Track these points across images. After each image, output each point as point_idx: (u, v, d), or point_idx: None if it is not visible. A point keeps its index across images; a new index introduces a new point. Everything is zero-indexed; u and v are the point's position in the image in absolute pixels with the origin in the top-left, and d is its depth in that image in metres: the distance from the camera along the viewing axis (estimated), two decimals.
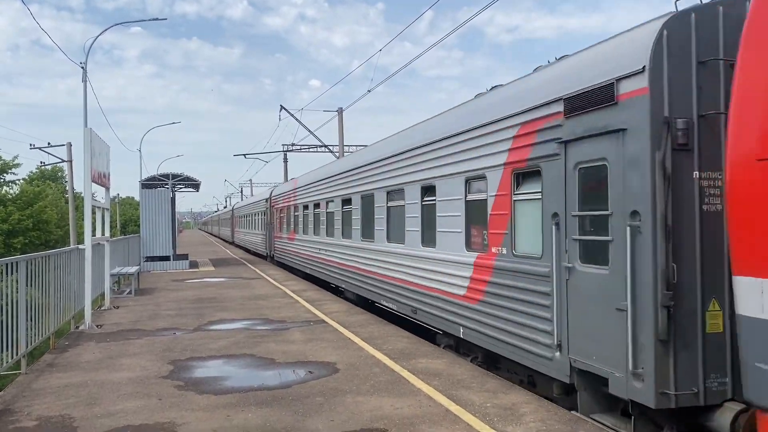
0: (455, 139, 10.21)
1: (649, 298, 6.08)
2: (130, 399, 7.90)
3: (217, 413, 7.24)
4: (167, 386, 8.47)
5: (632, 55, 6.36)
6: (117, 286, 21.03)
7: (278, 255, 30.31)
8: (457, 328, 10.04)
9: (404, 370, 9.00)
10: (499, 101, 9.16)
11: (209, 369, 9.49)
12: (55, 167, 66.57)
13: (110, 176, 16.97)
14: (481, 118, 9.40)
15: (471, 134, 9.66)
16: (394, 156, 13.24)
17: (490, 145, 9.04)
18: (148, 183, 32.89)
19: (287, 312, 15.04)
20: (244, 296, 18.41)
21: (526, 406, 7.20)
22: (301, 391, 8.08)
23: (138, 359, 10.19)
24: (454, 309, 10.17)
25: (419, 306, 11.76)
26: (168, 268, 28.93)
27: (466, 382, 8.31)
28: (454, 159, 10.21)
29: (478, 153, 9.38)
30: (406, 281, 12.43)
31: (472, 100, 10.76)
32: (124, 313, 15.66)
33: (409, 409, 7.24)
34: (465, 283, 9.77)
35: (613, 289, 6.50)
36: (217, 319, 14.16)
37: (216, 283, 22.60)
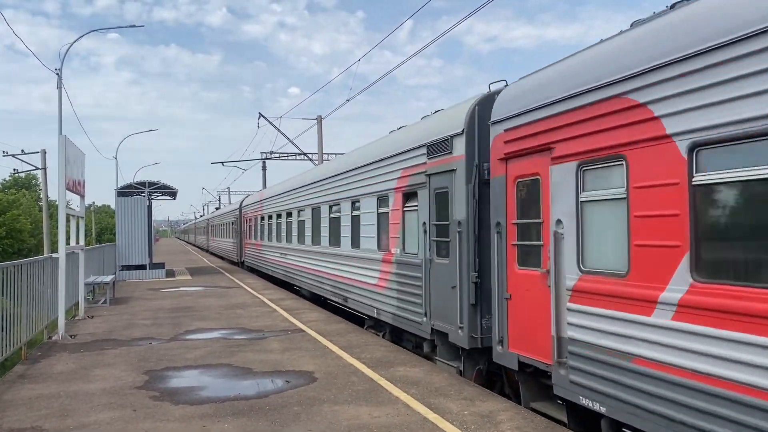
0: (372, 166, 13.35)
1: (465, 278, 9.18)
2: (103, 410, 7.78)
3: (192, 424, 7.16)
4: (142, 397, 8.36)
5: (457, 121, 9.50)
6: (92, 296, 20.75)
7: (248, 261, 33.05)
8: (373, 310, 13.11)
9: (382, 379, 8.99)
10: (395, 141, 12.32)
11: (185, 379, 9.39)
12: (28, 175, 65.63)
13: (85, 184, 16.76)
14: (384, 153, 12.57)
15: (380, 164, 12.82)
16: (334, 176, 16.57)
17: (390, 173, 12.21)
18: (124, 191, 32.55)
19: (265, 321, 14.95)
20: (221, 305, 18.26)
21: (503, 414, 7.23)
22: (279, 400, 8.03)
23: (112, 369, 10.05)
24: (370, 295, 13.26)
25: (349, 295, 14.93)
26: (144, 277, 28.62)
27: (443, 390, 8.32)
28: (370, 182, 13.41)
29: (383, 178, 12.57)
30: (341, 276, 15.60)
31: (383, 137, 13.99)
32: (98, 322, 15.44)
33: (387, 417, 7.22)
34: (377, 274, 12.85)
35: (451, 274, 9.54)
36: (193, 329, 14.03)
37: (193, 292, 22.39)
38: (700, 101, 5.01)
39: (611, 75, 6.03)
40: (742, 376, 4.60)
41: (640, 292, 5.59)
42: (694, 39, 5.10)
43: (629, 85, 5.78)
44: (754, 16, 4.55)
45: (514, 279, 7.80)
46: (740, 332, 4.61)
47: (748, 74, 4.60)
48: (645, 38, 5.79)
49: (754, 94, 4.56)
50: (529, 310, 7.47)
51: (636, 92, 5.70)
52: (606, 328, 6.04)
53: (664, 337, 5.31)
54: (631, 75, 5.75)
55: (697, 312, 4.98)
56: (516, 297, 7.74)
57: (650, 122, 5.52)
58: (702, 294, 4.96)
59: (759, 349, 4.46)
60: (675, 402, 5.20)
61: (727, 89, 4.76)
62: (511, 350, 7.82)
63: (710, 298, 4.87)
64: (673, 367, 5.22)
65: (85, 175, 16.59)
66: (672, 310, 5.23)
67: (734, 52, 4.72)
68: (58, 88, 23.72)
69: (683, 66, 5.19)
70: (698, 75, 5.04)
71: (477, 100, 9.30)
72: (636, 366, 5.63)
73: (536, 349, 7.28)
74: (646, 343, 5.51)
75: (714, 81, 4.88)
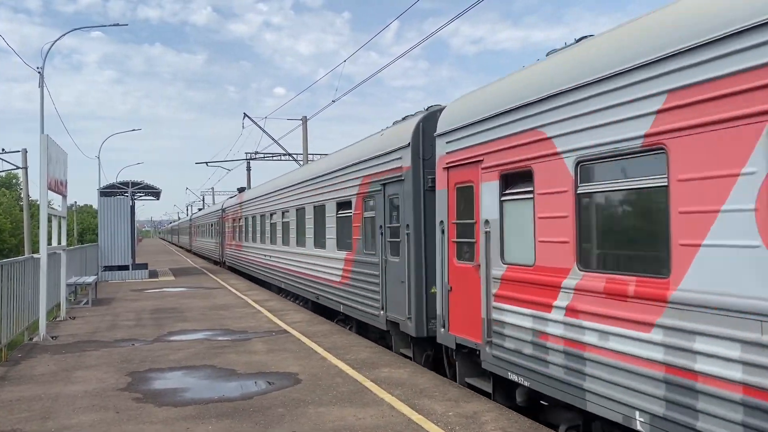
0: (336, 173, 14.46)
1: (413, 274, 10.30)
2: (86, 412, 7.71)
3: (176, 426, 7.12)
4: (125, 399, 8.30)
5: (405, 135, 10.59)
6: (74, 297, 20.55)
7: (229, 261, 33.99)
8: (339, 306, 14.27)
9: (367, 380, 8.99)
10: (356, 151, 13.44)
11: (169, 381, 9.33)
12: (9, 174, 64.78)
13: (67, 184, 16.60)
14: (347, 161, 13.71)
15: (343, 171, 13.96)
16: (302, 182, 17.85)
17: (352, 180, 13.35)
18: (107, 191, 32.24)
19: (249, 322, 14.89)
20: (205, 306, 18.16)
21: (488, 415, 7.26)
22: (263, 402, 8.00)
23: (95, 371, 9.96)
24: (336, 291, 14.36)
25: (320, 293, 15.74)
26: (127, 278, 28.39)
27: (428, 392, 8.34)
28: (335, 188, 14.62)
29: (346, 185, 13.77)
30: (311, 275, 16.61)
31: (347, 147, 15.02)
32: (80, 323, 15.29)
33: (371, 419, 7.23)
34: (340, 272, 14.10)
35: (401, 270, 10.66)
36: (177, 330, 13.94)
37: (176, 293, 22.24)
38: (579, 126, 6.24)
39: (519, 100, 7.26)
40: (622, 347, 5.66)
41: (548, 279, 6.72)
42: (571, 76, 6.44)
43: (531, 111, 7.03)
44: (604, 66, 5.96)
45: (453, 272, 8.97)
46: (616, 311, 5.72)
47: (607, 107, 5.86)
48: (544, 71, 7.05)
49: (609, 123, 5.82)
50: (465, 298, 8.70)
51: (535, 117, 6.93)
52: (521, 311, 7.23)
53: (565, 318, 6.46)
54: (531, 102, 7.01)
55: (586, 295, 6.13)
56: (455, 287, 8.94)
57: (546, 141, 6.74)
58: (587, 280, 6.13)
59: (630, 323, 5.56)
60: (580, 372, 6.24)
61: (596, 118, 6.00)
62: (451, 333, 8.99)
63: (593, 283, 6.03)
64: (573, 342, 6.33)
65: (67, 174, 16.43)
66: (571, 293, 6.35)
67: (599, 89, 5.99)
68: (39, 87, 23.48)
69: (567, 97, 6.45)
70: (576, 105, 6.30)
71: (422, 117, 10.40)
72: (545, 342, 6.79)
73: (470, 331, 8.51)
74: (553, 323, 6.64)
75: (586, 111, 6.14)
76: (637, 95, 5.49)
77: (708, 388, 4.82)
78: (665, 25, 5.40)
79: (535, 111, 6.96)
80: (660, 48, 5.31)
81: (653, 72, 5.35)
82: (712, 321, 4.80)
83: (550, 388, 6.74)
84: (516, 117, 7.34)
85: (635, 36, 5.72)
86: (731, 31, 4.65)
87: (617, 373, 5.73)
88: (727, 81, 4.69)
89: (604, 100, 5.91)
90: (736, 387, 4.61)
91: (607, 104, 5.86)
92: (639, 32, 5.70)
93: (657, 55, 5.31)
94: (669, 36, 5.27)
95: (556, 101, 6.64)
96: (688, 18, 5.17)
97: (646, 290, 5.39)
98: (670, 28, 5.32)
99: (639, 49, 5.55)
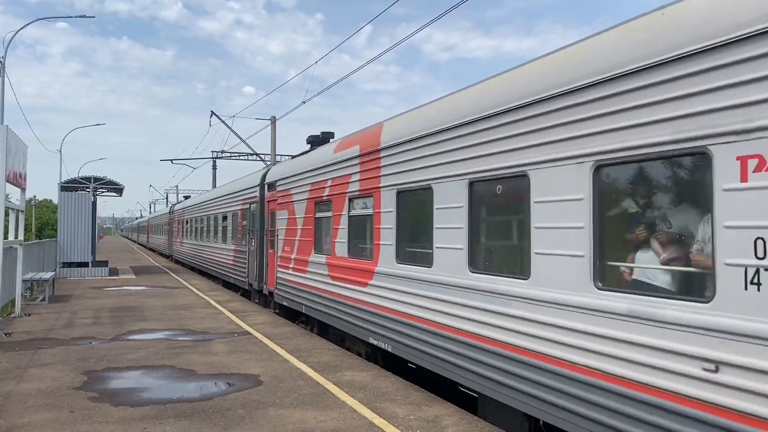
0: (229, 196, 23.90)
1: (257, 257, 18.67)
2: (38, 411, 7.51)
3: (133, 426, 6.98)
4: (80, 398, 8.10)
5: (258, 178, 19.23)
6: (30, 293, 20.04)
7: (176, 255, 40.95)
8: (230, 278, 23.13)
9: (329, 383, 8.95)
10: (240, 183, 22.65)
11: (126, 380, 9.14)
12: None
13: (27, 177, 16.20)
14: (237, 188, 22.83)
15: (233, 194, 22.98)
16: (210, 200, 28.19)
17: (238, 200, 22.00)
18: (68, 186, 31.56)
19: (210, 323, 14.70)
20: (165, 306, 17.88)
21: (449, 419, 7.29)
22: (223, 403, 7.90)
23: (49, 369, 9.71)
24: (227, 270, 23.92)
25: (222, 271, 24.79)
26: (86, 275, 27.80)
27: (390, 395, 8.33)
28: (229, 204, 23.89)
29: (235, 202, 22.48)
30: (216, 259, 26.47)
31: (237, 179, 24.74)
32: (36, 321, 14.91)
33: (333, 422, 7.19)
34: (231, 256, 23.20)
35: (254, 255, 19.25)
36: (136, 329, 13.68)
37: (137, 292, 21.86)
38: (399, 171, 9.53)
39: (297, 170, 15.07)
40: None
41: (363, 266, 10.65)
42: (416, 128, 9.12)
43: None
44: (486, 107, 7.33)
45: (268, 256, 17.08)
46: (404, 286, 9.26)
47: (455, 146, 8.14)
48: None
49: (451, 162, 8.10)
50: (270, 270, 16.40)
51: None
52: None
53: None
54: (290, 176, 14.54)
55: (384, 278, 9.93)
56: (268, 264, 17.01)
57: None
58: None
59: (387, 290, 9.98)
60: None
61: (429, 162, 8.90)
62: (267, 286, 16.63)
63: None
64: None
65: (26, 167, 16.04)
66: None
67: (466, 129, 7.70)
68: (0, 77, 22.85)
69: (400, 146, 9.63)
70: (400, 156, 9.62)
71: (266, 170, 18.75)
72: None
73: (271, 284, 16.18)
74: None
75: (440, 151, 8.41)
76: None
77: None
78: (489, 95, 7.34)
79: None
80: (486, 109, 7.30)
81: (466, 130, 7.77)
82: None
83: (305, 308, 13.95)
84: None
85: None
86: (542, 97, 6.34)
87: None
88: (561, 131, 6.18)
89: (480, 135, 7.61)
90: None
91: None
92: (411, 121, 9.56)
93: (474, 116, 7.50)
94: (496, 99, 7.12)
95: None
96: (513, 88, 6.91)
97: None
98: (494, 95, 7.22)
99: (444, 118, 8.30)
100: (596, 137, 5.58)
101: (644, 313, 5.02)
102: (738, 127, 4.36)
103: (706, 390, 4.51)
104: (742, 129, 4.33)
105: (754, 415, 4.17)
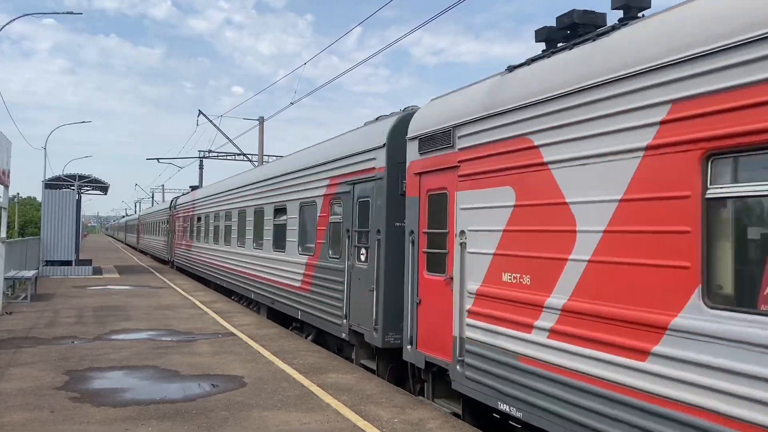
0: (302, 173, 13.54)
1: (382, 282, 9.50)
2: (18, 411, 7.42)
3: (114, 427, 6.91)
4: (61, 398, 8.02)
5: (381, 136, 9.87)
6: (11, 291, 19.81)
7: (178, 261, 32.14)
8: (297, 312, 13.39)
9: (314, 385, 8.92)
10: (324, 150, 12.68)
11: (108, 380, 9.06)
12: None
13: (10, 174, 16.04)
14: (314, 161, 12.87)
15: (309, 171, 13.09)
16: (263, 181, 16.74)
17: (318, 181, 12.50)
18: (52, 183, 31.27)
19: (195, 323, 14.61)
20: (149, 305, 17.74)
21: (432, 422, 7.29)
22: (206, 404, 7.85)
23: (30, 369, 9.60)
24: (295, 297, 13.42)
25: (276, 298, 14.88)
26: (69, 274, 27.53)
27: (375, 398, 8.32)
28: (299, 188, 13.70)
29: (312, 186, 12.89)
30: (268, 278, 15.58)
31: (313, 146, 14.23)
32: (17, 319, 14.74)
33: (316, 424, 7.17)
34: (300, 277, 13.14)
35: (369, 278, 9.87)
36: (119, 329, 13.57)
37: (120, 291, 21.68)
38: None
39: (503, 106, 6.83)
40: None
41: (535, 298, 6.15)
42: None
43: (518, 116, 6.53)
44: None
45: (423, 284, 8.32)
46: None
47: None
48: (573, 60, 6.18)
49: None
50: (425, 313, 8.29)
51: (521, 124, 6.48)
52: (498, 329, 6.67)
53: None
54: (518, 108, 6.53)
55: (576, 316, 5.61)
56: (425, 301, 8.33)
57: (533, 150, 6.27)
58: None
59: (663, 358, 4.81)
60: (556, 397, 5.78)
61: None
62: (419, 350, 8.34)
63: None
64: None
65: (9, 164, 15.87)
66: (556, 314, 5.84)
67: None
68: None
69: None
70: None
71: (399, 117, 9.83)
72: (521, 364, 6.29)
73: (439, 349, 7.88)
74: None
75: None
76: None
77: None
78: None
79: (522, 117, 6.45)
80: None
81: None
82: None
83: (540, 419, 6.02)
84: (500, 123, 6.81)
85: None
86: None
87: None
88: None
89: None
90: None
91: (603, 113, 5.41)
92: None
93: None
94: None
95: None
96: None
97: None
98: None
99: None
100: (706, 119, 4.49)
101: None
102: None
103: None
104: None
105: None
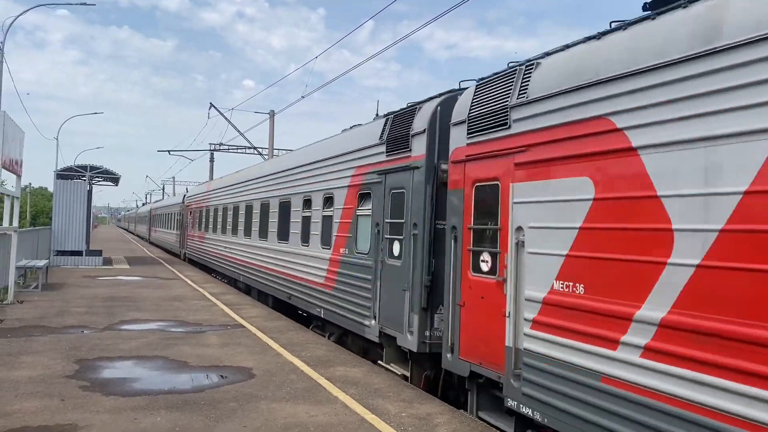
0: (325, 162, 12.83)
1: (418, 281, 8.76)
2: (29, 399, 7.48)
3: (123, 416, 6.95)
4: (71, 386, 8.07)
5: (420, 120, 9.12)
6: (23, 280, 19.96)
7: (190, 253, 31.49)
8: (319, 310, 12.65)
9: (321, 378, 8.93)
10: (350, 138, 12.04)
11: (118, 370, 9.11)
12: None
13: (23, 164, 16.13)
14: (338, 150, 12.23)
15: (333, 160, 12.40)
16: (285, 171, 15.89)
17: (343, 170, 11.80)
18: (63, 174, 31.47)
19: (204, 315, 14.67)
20: (159, 297, 17.83)
21: (440, 417, 7.28)
22: (214, 395, 7.88)
23: (41, 357, 9.67)
24: (316, 294, 12.75)
25: (294, 293, 14.32)
26: (80, 264, 27.70)
27: (383, 392, 8.32)
28: (323, 179, 13.02)
29: (336, 175, 12.18)
30: (286, 273, 14.93)
31: (337, 134, 13.59)
32: (28, 308, 14.85)
33: (324, 417, 7.18)
34: (324, 273, 12.43)
35: (403, 276, 9.14)
36: (129, 319, 13.64)
37: (130, 282, 21.79)
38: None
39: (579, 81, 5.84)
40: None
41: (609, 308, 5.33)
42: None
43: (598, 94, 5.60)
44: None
45: (467, 285, 7.43)
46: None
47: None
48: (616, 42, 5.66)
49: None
50: (469, 315, 7.35)
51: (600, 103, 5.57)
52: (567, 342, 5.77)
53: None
54: (602, 83, 5.59)
55: (677, 333, 4.70)
56: (469, 305, 7.42)
57: (615, 134, 5.38)
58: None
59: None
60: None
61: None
62: (462, 358, 7.52)
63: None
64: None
65: (22, 154, 15.97)
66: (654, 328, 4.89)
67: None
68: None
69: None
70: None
71: (440, 100, 8.93)
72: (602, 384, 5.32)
73: (489, 359, 7.01)
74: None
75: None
76: None
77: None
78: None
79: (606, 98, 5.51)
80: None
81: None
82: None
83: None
84: (571, 102, 5.90)
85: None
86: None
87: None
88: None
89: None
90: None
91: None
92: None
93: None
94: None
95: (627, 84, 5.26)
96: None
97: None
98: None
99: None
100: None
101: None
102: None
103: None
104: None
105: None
